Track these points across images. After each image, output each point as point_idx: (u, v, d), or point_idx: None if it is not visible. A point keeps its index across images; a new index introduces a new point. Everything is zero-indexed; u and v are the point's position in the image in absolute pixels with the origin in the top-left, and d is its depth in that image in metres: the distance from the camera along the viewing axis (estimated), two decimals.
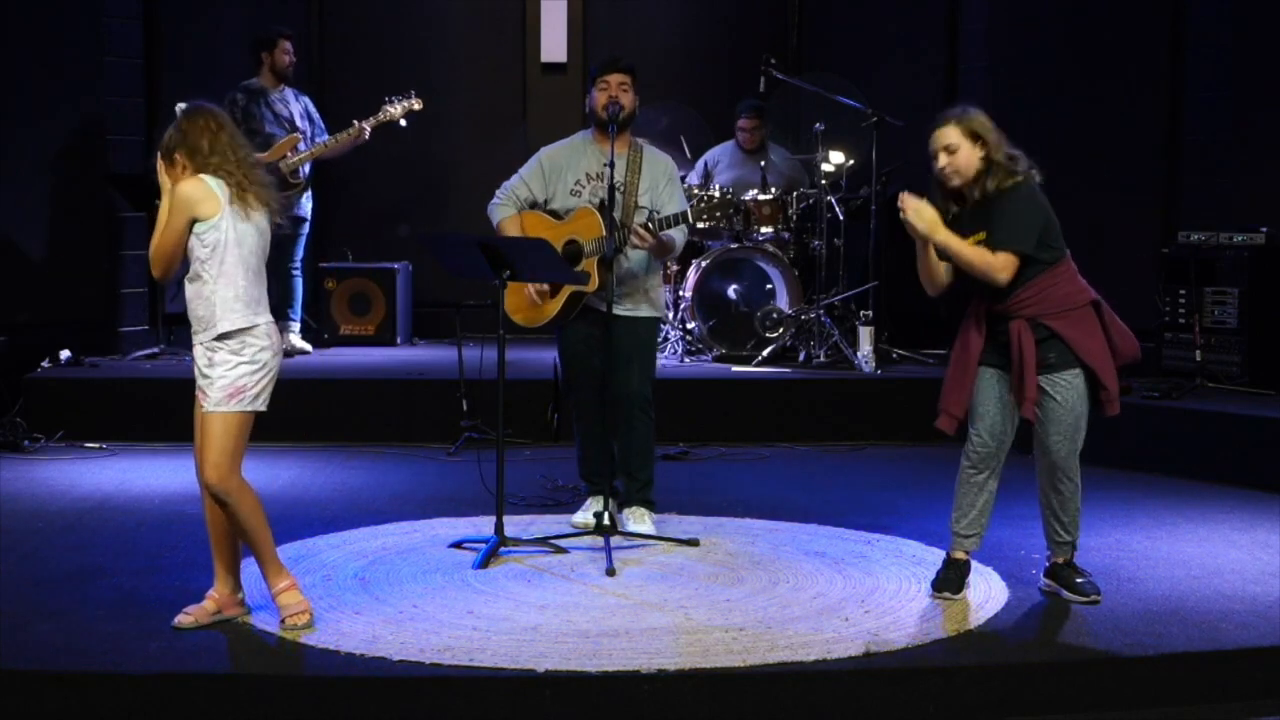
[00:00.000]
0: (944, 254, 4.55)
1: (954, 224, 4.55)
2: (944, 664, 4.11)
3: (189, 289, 4.28)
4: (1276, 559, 5.23)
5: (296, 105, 8.49)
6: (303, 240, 8.75)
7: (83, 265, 8.60)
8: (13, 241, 8.18)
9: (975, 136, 4.50)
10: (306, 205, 8.69)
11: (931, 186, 4.62)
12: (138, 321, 8.92)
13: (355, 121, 8.28)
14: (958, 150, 4.50)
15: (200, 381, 4.27)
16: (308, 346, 8.97)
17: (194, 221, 4.21)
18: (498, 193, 5.73)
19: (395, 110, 8.30)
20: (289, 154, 8.26)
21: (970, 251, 4.48)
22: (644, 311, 5.65)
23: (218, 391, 4.23)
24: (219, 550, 4.38)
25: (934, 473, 6.75)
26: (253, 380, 4.25)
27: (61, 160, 8.50)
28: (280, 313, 8.76)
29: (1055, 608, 4.61)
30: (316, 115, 8.66)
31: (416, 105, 8.35)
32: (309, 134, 8.51)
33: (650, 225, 5.43)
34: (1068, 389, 4.57)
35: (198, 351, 4.28)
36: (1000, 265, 4.46)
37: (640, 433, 5.63)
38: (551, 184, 5.67)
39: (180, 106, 4.48)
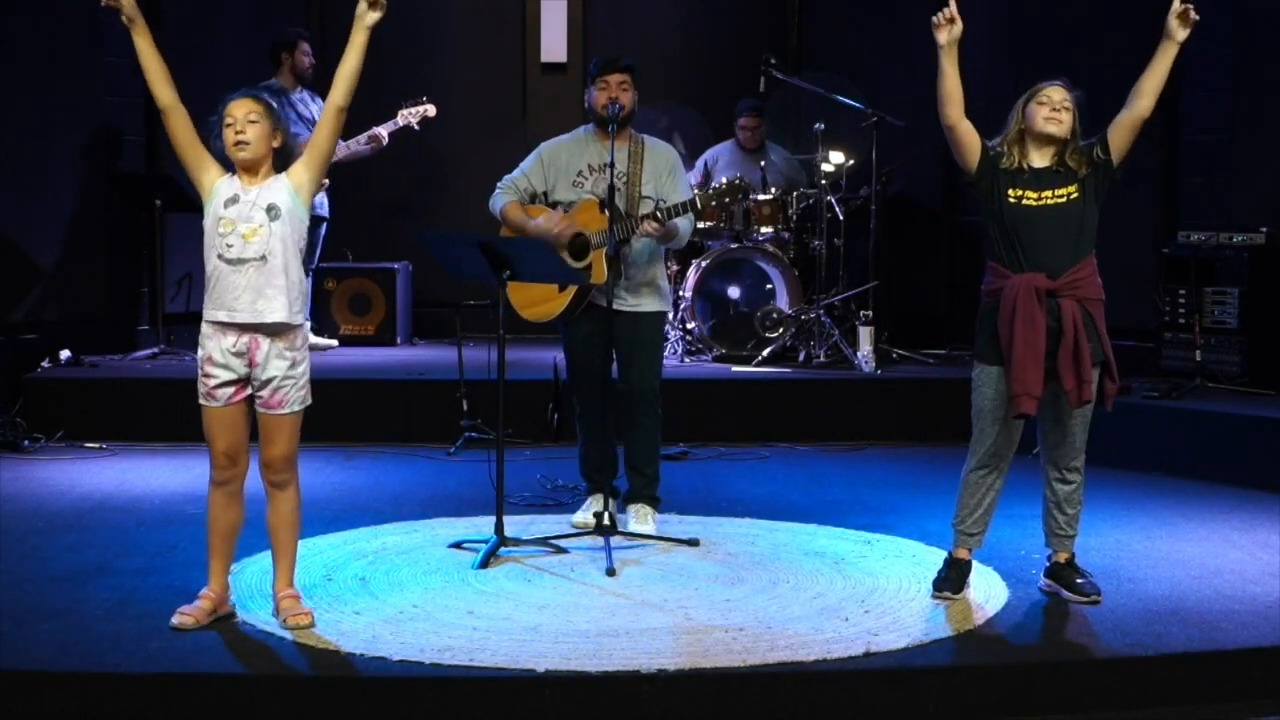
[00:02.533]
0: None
1: (1034, 182, 4.58)
2: (944, 664, 4.11)
3: (271, 273, 4.23)
4: (1276, 559, 5.23)
5: (314, 106, 8.60)
6: (321, 240, 8.89)
7: (83, 265, 8.60)
8: (13, 241, 8.18)
9: (1076, 113, 4.62)
10: (325, 205, 8.80)
11: (1009, 133, 4.66)
12: (138, 321, 8.92)
13: (375, 129, 8.42)
14: (1069, 110, 4.59)
15: (279, 384, 4.27)
16: (333, 342, 9.06)
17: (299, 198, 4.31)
18: (499, 185, 5.75)
19: (412, 116, 8.51)
20: None
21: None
22: (648, 306, 5.65)
23: (300, 390, 4.33)
24: (222, 550, 4.38)
25: (934, 473, 6.75)
26: None
27: (62, 160, 8.50)
28: None
29: (1055, 608, 4.61)
30: None
31: (430, 111, 8.55)
32: None
33: (659, 215, 5.44)
34: (1094, 381, 4.58)
35: (272, 352, 4.26)
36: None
37: (647, 427, 5.64)
38: (552, 177, 5.68)
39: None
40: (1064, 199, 4.58)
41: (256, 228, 4.24)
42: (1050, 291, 4.53)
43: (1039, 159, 4.62)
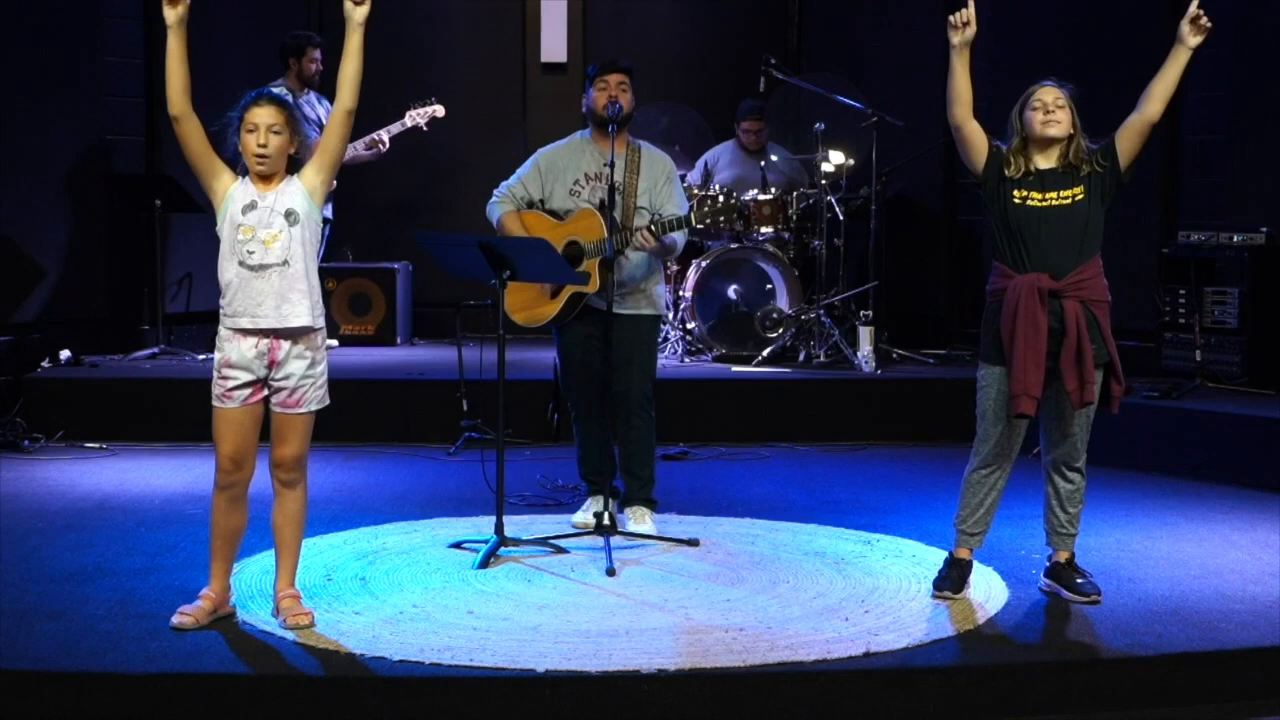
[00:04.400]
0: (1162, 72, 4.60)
1: (1038, 184, 4.59)
2: (944, 664, 4.11)
3: (293, 277, 4.25)
4: (1276, 559, 5.23)
5: (321, 109, 8.62)
6: (325, 242, 8.89)
7: (83, 265, 8.60)
8: (13, 241, 8.18)
9: (1073, 107, 4.63)
10: (329, 208, 8.80)
11: (1013, 143, 4.66)
12: (138, 321, 8.92)
13: (376, 133, 8.43)
14: (1064, 108, 4.60)
15: (298, 383, 4.30)
16: (333, 342, 9.09)
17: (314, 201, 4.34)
18: (495, 192, 5.74)
19: (421, 117, 8.50)
20: None
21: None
22: (644, 310, 5.65)
23: (319, 390, 4.37)
24: (225, 553, 4.38)
25: (934, 473, 6.75)
26: None
27: (62, 160, 8.51)
28: None
29: (1055, 608, 4.61)
30: None
31: (440, 112, 8.57)
32: None
33: (653, 229, 5.44)
34: (1096, 382, 4.58)
35: (293, 351, 4.28)
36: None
37: (640, 432, 5.63)
38: (549, 185, 5.68)
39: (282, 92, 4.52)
40: (1069, 200, 4.59)
41: (277, 234, 4.25)
42: (1054, 292, 4.54)
43: (1044, 161, 4.64)
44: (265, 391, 4.32)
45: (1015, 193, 4.61)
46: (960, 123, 4.65)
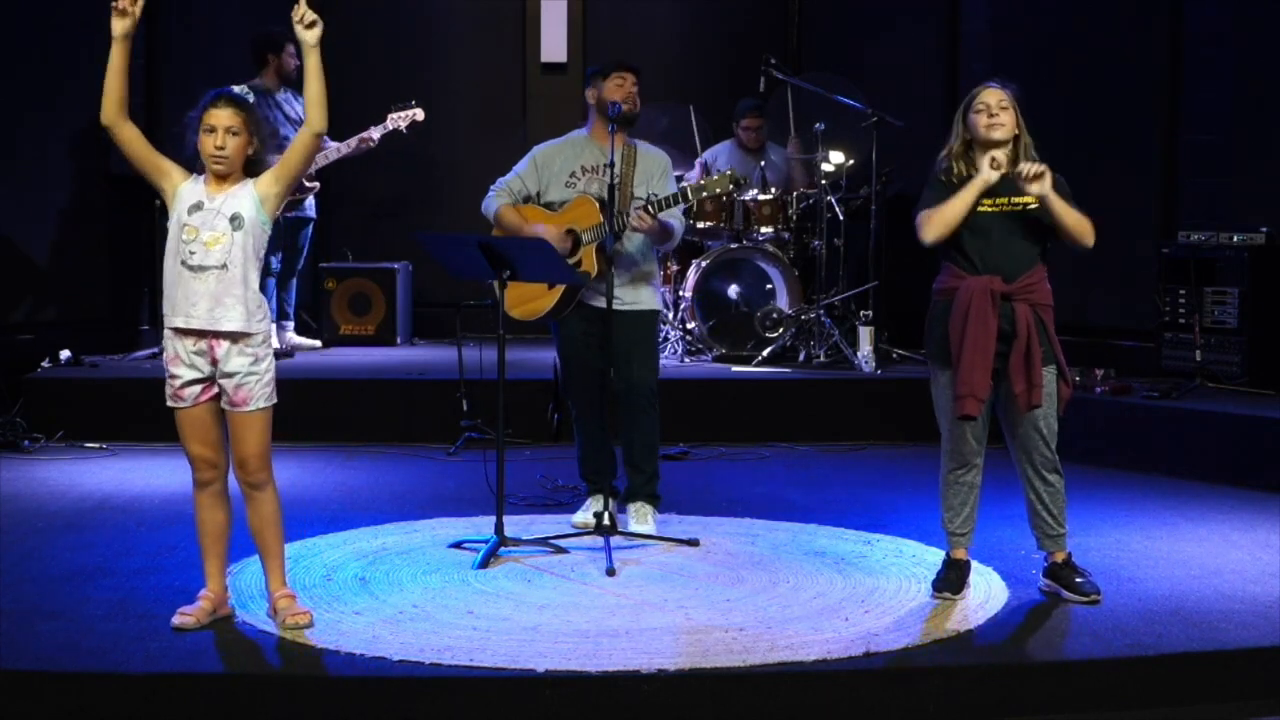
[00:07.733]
0: (1047, 214, 4.53)
1: (989, 189, 4.56)
2: (944, 664, 4.11)
3: (230, 281, 4.22)
4: (1276, 559, 5.23)
5: (298, 105, 8.55)
6: (309, 241, 8.88)
7: (83, 265, 8.60)
8: (13, 241, 8.18)
9: (1016, 109, 4.61)
10: (313, 207, 8.80)
11: (955, 148, 4.64)
12: (138, 322, 8.92)
13: (367, 132, 8.42)
14: (1008, 110, 4.58)
15: (241, 380, 4.26)
16: (316, 343, 9.07)
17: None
18: (492, 188, 5.76)
19: (401, 121, 8.50)
20: None
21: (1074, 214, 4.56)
22: (643, 304, 5.66)
23: (265, 388, 4.30)
24: (215, 550, 4.39)
25: (934, 473, 6.69)
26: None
27: (61, 160, 8.50)
28: (284, 313, 8.89)
29: (1055, 608, 4.61)
30: None
31: (419, 115, 8.53)
32: None
33: (650, 208, 5.45)
34: (1050, 382, 4.60)
35: (233, 350, 4.25)
36: (1090, 229, 4.56)
37: (645, 425, 5.64)
38: (545, 179, 5.69)
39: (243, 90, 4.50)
40: (1020, 206, 4.59)
41: (219, 236, 4.25)
42: (1005, 295, 4.55)
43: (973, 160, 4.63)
44: (215, 389, 4.31)
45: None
46: (933, 243, 4.63)
